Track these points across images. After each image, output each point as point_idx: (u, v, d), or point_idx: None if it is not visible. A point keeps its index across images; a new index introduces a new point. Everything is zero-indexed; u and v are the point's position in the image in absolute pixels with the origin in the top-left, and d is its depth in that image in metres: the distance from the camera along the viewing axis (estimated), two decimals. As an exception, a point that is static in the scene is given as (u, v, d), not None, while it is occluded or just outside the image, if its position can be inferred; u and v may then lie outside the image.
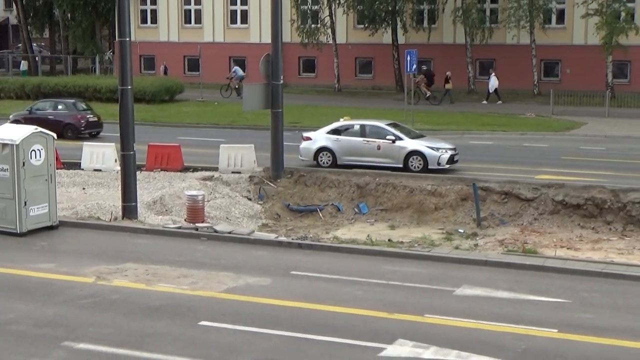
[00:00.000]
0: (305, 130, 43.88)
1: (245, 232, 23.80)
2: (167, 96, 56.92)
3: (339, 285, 18.90)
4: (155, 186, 29.18)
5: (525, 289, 18.78)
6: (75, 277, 19.00)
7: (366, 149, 32.73)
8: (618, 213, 26.79)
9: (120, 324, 15.98)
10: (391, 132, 32.74)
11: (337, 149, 33.05)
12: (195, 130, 44.77)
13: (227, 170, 31.10)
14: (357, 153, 32.82)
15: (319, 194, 29.54)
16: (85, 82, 57.69)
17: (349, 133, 33.54)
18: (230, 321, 16.19)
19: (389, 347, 14.93)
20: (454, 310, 17.12)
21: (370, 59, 65.38)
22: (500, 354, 14.69)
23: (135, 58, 59.50)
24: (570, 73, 59.71)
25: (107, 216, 24.81)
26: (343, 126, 34.00)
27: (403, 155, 32.23)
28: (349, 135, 33.41)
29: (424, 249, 22.80)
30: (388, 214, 28.32)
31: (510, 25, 58.22)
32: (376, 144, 32.60)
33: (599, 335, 15.79)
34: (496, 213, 27.58)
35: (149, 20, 71.36)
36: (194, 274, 19.44)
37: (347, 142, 33.14)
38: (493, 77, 57.22)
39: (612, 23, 53.90)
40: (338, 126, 33.96)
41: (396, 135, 32.59)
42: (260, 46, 58.78)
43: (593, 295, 18.58)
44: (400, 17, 61.60)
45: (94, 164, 32.28)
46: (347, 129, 33.81)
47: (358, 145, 32.94)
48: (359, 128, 33.59)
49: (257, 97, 29.63)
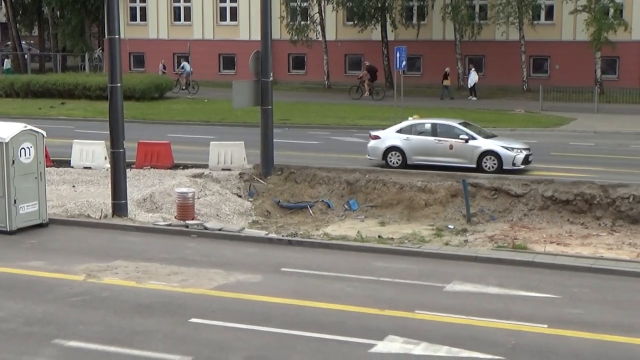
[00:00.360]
0: (294, 127, 44.05)
1: (236, 229, 23.79)
2: (157, 93, 56.82)
3: (329, 282, 18.92)
4: (145, 184, 29.15)
5: (515, 285, 18.82)
6: (66, 275, 18.98)
7: (438, 149, 31.77)
8: (607, 208, 26.89)
9: (111, 322, 15.96)
10: (464, 131, 31.75)
11: (407, 149, 32.06)
12: (185, 127, 44.71)
13: (217, 168, 31.09)
14: (429, 153, 31.88)
15: (309, 191, 29.55)
16: (74, 80, 57.58)
17: (420, 132, 32.57)
18: (221, 318, 16.20)
19: (379, 344, 14.95)
20: (444, 306, 17.15)
21: (359, 55, 65.37)
22: (490, 350, 14.72)
23: (124, 55, 59.58)
24: (559, 69, 59.86)
25: (97, 214, 24.78)
26: (413, 125, 33.08)
27: (477, 155, 31.20)
28: (420, 135, 32.44)
29: (414, 245, 22.82)
30: (378, 211, 28.36)
31: (500, 22, 58.40)
32: (448, 144, 31.59)
33: (589, 330, 15.83)
34: (486, 209, 27.64)
35: (139, 18, 71.27)
36: (184, 271, 19.43)
37: (418, 142, 32.15)
38: (473, 73, 57.44)
39: (600, 19, 54.06)
40: (408, 125, 33.10)
41: (469, 135, 31.59)
42: (250, 43, 58.77)
43: (583, 290, 18.63)
44: (390, 14, 61.65)
45: (83, 162, 32.20)
46: (418, 127, 32.86)
47: (429, 145, 31.97)
48: (430, 127, 32.64)
49: (247, 94, 29.61)
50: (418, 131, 32.66)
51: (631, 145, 37.73)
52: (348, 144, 39.38)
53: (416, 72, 62.61)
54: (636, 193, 26.85)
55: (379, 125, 44.44)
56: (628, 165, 31.75)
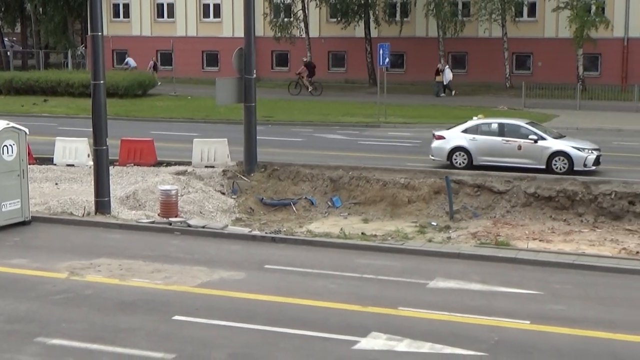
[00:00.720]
0: (277, 124, 44.05)
1: (219, 227, 23.80)
2: (140, 91, 56.72)
3: (312, 279, 18.94)
4: (129, 181, 29.10)
5: (498, 281, 18.89)
6: (48, 273, 18.94)
7: (506, 149, 31.15)
8: (589, 205, 27.01)
9: (94, 319, 15.94)
10: (533, 132, 31.17)
11: (474, 149, 31.43)
12: (168, 124, 44.65)
13: (201, 165, 31.07)
14: (496, 153, 31.25)
15: (293, 188, 29.56)
16: (57, 77, 57.46)
17: (486, 132, 31.87)
18: (204, 315, 16.19)
19: (362, 340, 14.98)
20: (427, 302, 17.20)
21: (343, 52, 65.45)
22: (473, 346, 14.77)
23: (107, 52, 59.33)
24: (541, 66, 60.06)
25: (80, 211, 24.73)
26: (479, 125, 32.36)
27: (546, 156, 30.55)
28: (487, 135, 31.71)
29: (397, 242, 22.87)
30: (361, 208, 28.40)
31: (482, 19, 58.54)
32: (516, 144, 30.96)
33: (571, 326, 15.91)
34: (469, 206, 27.72)
35: (122, 15, 71.12)
36: (168, 268, 19.42)
37: (485, 142, 31.49)
38: (447, 70, 57.52)
39: (582, 16, 54.29)
40: (473, 125, 32.36)
41: (539, 135, 31.01)
42: (233, 40, 58.66)
43: (565, 286, 18.72)
44: (373, 11, 61.71)
45: (66, 159, 32.12)
46: (484, 127, 32.18)
47: (496, 145, 31.32)
48: (497, 127, 32.03)
49: (230, 91, 29.60)
50: (484, 131, 31.95)
51: (613, 142, 37.89)
52: (331, 140, 39.42)
53: (399, 69, 62.68)
54: (618, 189, 26.99)
55: (361, 122, 44.71)
56: (610, 162, 31.86)
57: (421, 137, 40.73)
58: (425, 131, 42.41)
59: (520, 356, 14.44)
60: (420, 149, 36.90)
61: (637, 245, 23.96)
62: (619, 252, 23.19)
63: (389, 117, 45.31)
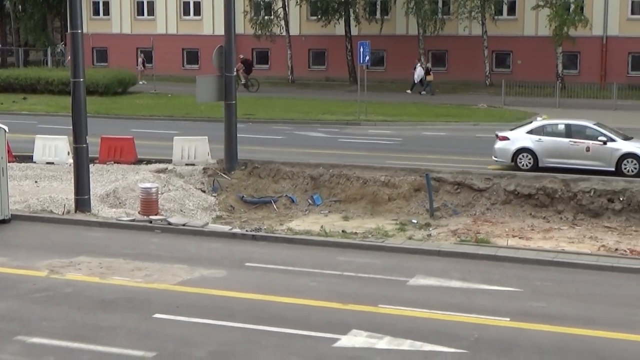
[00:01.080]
0: (258, 122, 44.03)
1: (199, 225, 23.77)
2: (120, 88, 56.56)
3: (293, 277, 18.96)
4: (109, 179, 29.03)
5: (478, 279, 18.95)
6: (28, 271, 18.88)
7: (573, 151, 30.53)
8: (569, 202, 27.10)
9: (74, 318, 15.91)
10: (602, 133, 30.61)
11: (540, 151, 30.84)
12: (148, 122, 44.56)
13: (181, 163, 31.02)
14: (563, 155, 30.64)
15: (273, 186, 29.53)
16: (37, 75, 57.25)
17: (553, 133, 31.22)
18: (185, 314, 16.18)
19: (343, 338, 15.01)
20: (407, 300, 17.24)
21: (323, 50, 65.47)
22: (453, 343, 14.82)
23: (87, 50, 59.09)
24: (521, 64, 60.26)
25: (59, 209, 24.66)
26: (544, 125, 31.75)
27: (616, 158, 30.03)
28: (553, 136, 31.08)
29: (378, 240, 22.91)
30: (342, 205, 28.40)
31: (462, 17, 58.64)
32: (584, 146, 30.39)
33: (551, 323, 15.98)
34: (449, 203, 27.76)
35: (101, 12, 70.89)
36: (148, 266, 19.39)
37: (551, 143, 30.87)
38: (419, 67, 57.64)
39: (562, 15, 54.52)
40: (539, 125, 31.78)
41: (608, 136, 30.45)
42: (214, 38, 58.64)
43: (544, 284, 18.80)
44: (353, 9, 61.78)
45: (46, 157, 32.02)
46: (549, 128, 31.53)
47: (564, 147, 30.69)
48: (564, 128, 31.33)
49: (211, 89, 29.56)
50: (550, 132, 31.37)
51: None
52: (312, 138, 39.45)
53: (380, 67, 62.74)
54: (597, 187, 27.09)
55: (342, 120, 44.75)
56: (589, 160, 31.95)
57: (401, 134, 40.87)
58: (404, 129, 42.65)
59: (500, 353, 14.50)
60: (401, 146, 37.02)
61: (616, 243, 24.08)
62: (598, 249, 23.29)
63: (369, 115, 45.35)
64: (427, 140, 39.22)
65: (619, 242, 24.18)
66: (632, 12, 58.77)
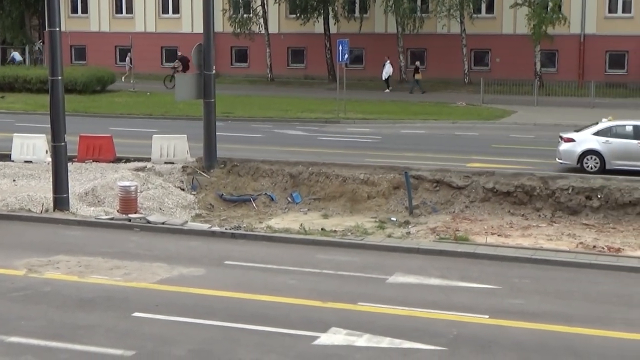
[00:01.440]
0: (237, 120, 43.98)
1: (179, 223, 23.73)
2: (99, 86, 56.40)
3: (272, 275, 18.96)
4: (87, 177, 28.95)
5: (457, 276, 19.00)
6: (6, 270, 18.80)
7: None
8: (547, 200, 27.21)
9: (53, 317, 15.86)
10: None
11: (607, 153, 30.01)
12: (127, 120, 44.42)
13: (160, 161, 30.97)
14: (632, 157, 29.82)
15: (252, 184, 29.52)
16: (15, 73, 57.02)
17: (620, 135, 30.35)
18: (164, 312, 16.16)
19: (322, 336, 15.02)
20: (386, 298, 17.27)
21: (302, 48, 65.45)
22: (432, 340, 14.85)
23: (65, 48, 58.96)
24: (499, 62, 60.46)
25: (38, 208, 24.57)
26: (611, 127, 30.74)
27: None
28: (621, 137, 30.23)
29: (357, 238, 22.93)
30: (321, 203, 28.42)
31: (441, 15, 58.78)
32: None
33: (529, 320, 16.05)
34: (428, 201, 27.83)
35: (80, 10, 70.63)
36: (127, 265, 19.35)
37: (620, 145, 30.00)
38: (388, 65, 57.73)
39: (540, 13, 54.76)
40: (606, 127, 30.71)
41: None
42: (193, 36, 58.52)
43: (523, 281, 18.87)
44: (332, 7, 61.77)
45: (24, 156, 31.88)
46: (617, 130, 30.56)
47: (632, 149, 29.89)
48: (633, 129, 30.37)
49: (190, 87, 29.50)
50: (618, 134, 30.51)
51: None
52: (291, 136, 39.45)
53: (359, 65, 62.79)
54: (575, 184, 27.22)
55: (321, 118, 44.78)
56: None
57: (380, 132, 40.92)
58: (383, 127, 42.73)
59: (479, 350, 14.54)
60: (380, 144, 37.05)
61: (594, 240, 24.20)
62: (576, 246, 23.40)
63: (348, 113, 45.41)
64: (406, 138, 39.31)
65: (596, 239, 24.30)
66: (609, 11, 59.03)
